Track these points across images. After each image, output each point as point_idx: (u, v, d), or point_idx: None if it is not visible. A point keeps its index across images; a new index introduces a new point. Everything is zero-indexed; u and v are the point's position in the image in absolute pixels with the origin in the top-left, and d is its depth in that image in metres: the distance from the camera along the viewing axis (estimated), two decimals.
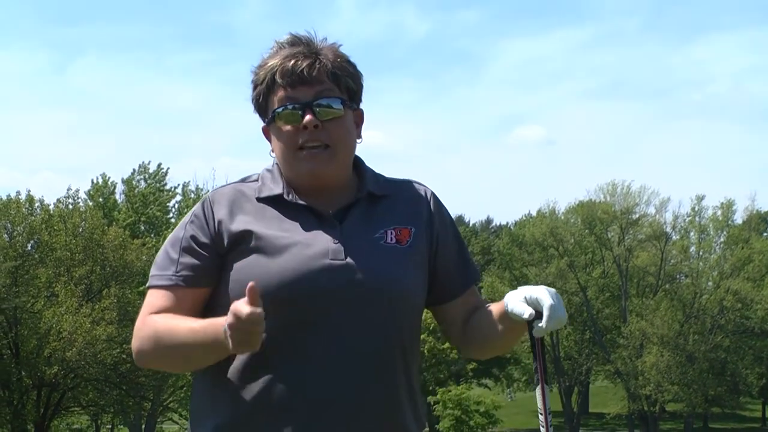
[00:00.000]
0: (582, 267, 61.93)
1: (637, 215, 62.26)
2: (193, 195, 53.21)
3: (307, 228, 2.51)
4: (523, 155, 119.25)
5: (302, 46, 2.57)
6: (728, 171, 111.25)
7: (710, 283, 60.47)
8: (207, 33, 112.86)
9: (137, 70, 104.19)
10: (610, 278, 62.77)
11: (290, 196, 2.56)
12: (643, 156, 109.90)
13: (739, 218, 64.10)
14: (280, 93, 2.54)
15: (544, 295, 2.38)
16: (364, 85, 2.66)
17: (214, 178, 61.07)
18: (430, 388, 46.10)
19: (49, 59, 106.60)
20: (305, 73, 2.51)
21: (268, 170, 2.66)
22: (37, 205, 41.79)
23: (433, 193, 2.71)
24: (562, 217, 63.89)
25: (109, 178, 54.11)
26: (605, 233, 62.54)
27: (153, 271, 2.58)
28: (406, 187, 2.70)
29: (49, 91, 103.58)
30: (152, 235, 49.17)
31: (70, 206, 44.05)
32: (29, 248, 38.74)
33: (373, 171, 2.71)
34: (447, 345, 44.74)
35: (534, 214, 68.04)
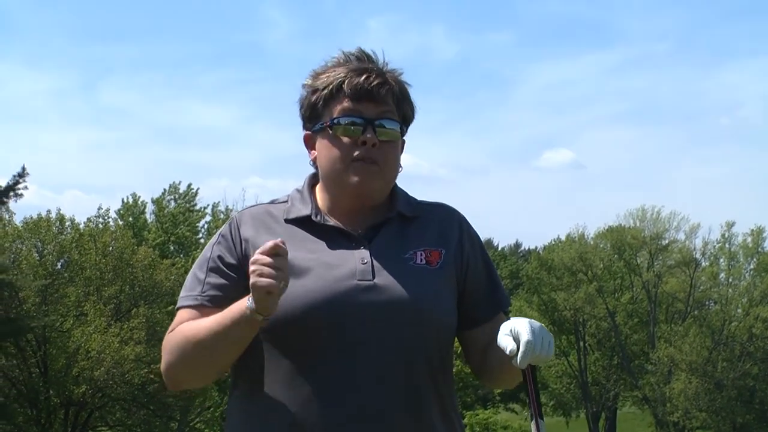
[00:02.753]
0: (611, 292, 61.80)
1: (667, 241, 62.19)
2: (222, 215, 53.33)
3: (334, 248, 2.49)
4: (552, 179, 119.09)
5: (371, 63, 2.55)
6: (759, 197, 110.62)
7: (739, 310, 60.28)
8: (237, 52, 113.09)
9: (167, 88, 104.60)
10: (639, 304, 62.64)
11: (318, 217, 2.54)
12: (673, 181, 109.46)
13: None
14: (344, 103, 2.50)
15: (522, 329, 2.29)
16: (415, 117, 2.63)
17: (244, 198, 61.15)
18: None
19: (79, 77, 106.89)
20: (374, 90, 2.49)
21: (298, 191, 2.65)
22: (67, 224, 42.05)
23: (464, 217, 2.68)
24: (591, 242, 63.85)
25: (139, 197, 54.38)
26: (634, 258, 62.46)
27: (182, 293, 2.58)
28: (437, 209, 2.67)
29: (78, 110, 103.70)
30: (181, 255, 49.31)
31: (101, 225, 44.35)
32: (59, 267, 38.95)
33: (406, 193, 2.69)
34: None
35: (563, 238, 67.96)
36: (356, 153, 2.48)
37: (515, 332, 2.30)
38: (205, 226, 54.71)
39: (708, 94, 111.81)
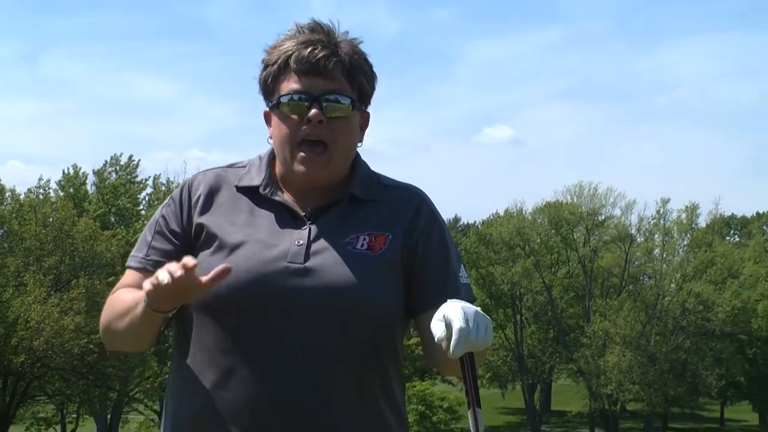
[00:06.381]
0: (547, 266, 62.35)
1: (603, 217, 62.71)
2: (164, 187, 53.03)
3: (274, 226, 2.44)
4: (491, 155, 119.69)
5: (322, 34, 2.45)
6: (693, 175, 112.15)
7: (673, 285, 60.96)
8: (181, 26, 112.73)
9: (109, 61, 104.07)
10: (575, 278, 63.23)
11: (267, 190, 2.48)
12: (610, 158, 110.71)
13: (702, 222, 64.69)
14: (291, 79, 2.43)
15: (455, 315, 2.16)
16: (376, 87, 2.54)
17: (185, 171, 60.85)
18: None
19: (21, 49, 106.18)
20: (320, 64, 2.40)
21: (260, 158, 2.58)
22: (7, 194, 41.60)
23: (426, 201, 2.57)
24: (529, 217, 64.28)
25: (80, 168, 53.85)
26: (571, 234, 62.94)
27: (132, 251, 2.56)
28: (399, 192, 2.57)
29: (20, 81, 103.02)
30: (122, 227, 49.00)
31: (41, 196, 43.88)
32: None
33: (370, 172, 2.59)
34: (412, 341, 44.89)
35: (501, 213, 68.35)
36: (302, 132, 2.40)
37: (447, 318, 2.18)
38: (146, 198, 54.42)
39: (645, 74, 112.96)
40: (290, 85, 2.42)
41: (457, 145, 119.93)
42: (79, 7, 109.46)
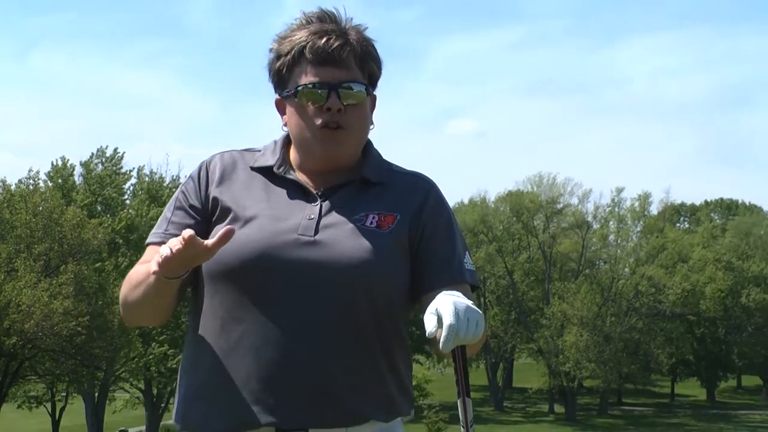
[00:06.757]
0: (509, 252, 62.54)
1: (561, 205, 62.99)
2: (147, 178, 52.95)
3: (286, 202, 2.42)
4: (456, 146, 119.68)
5: (332, 23, 2.41)
6: (646, 165, 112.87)
7: (627, 269, 61.30)
8: (160, 24, 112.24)
9: (94, 58, 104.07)
10: (535, 263, 63.45)
11: (281, 169, 2.46)
12: (568, 149, 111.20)
13: (654, 209, 65.09)
14: (307, 69, 2.37)
15: (445, 310, 2.11)
16: (383, 70, 2.52)
17: (168, 162, 60.94)
18: None
19: (11, 46, 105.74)
20: (336, 54, 2.36)
21: (274, 142, 2.54)
22: None
23: (434, 188, 2.54)
24: (492, 206, 64.41)
25: (68, 160, 53.53)
26: (531, 221, 63.15)
27: (152, 229, 2.53)
28: (407, 177, 2.54)
29: (10, 77, 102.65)
30: (108, 215, 48.84)
31: (31, 187, 43.70)
32: None
33: (380, 158, 2.56)
34: None
35: (466, 202, 68.46)
36: (321, 119, 2.36)
37: (439, 313, 2.12)
38: (131, 188, 54.25)
39: (600, 70, 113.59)
40: (307, 75, 2.38)
41: (424, 137, 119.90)
42: (65, 6, 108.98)
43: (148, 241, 2.51)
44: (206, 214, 2.45)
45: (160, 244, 2.36)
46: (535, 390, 62.00)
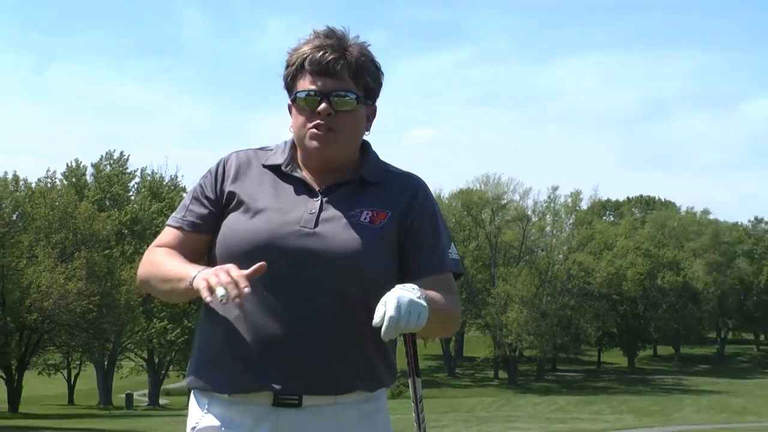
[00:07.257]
0: (461, 241, 62.58)
1: (505, 201, 63.12)
2: (149, 177, 53.07)
3: (292, 197, 2.38)
4: (416, 151, 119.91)
5: (334, 39, 2.38)
6: (577, 166, 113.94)
7: (560, 256, 61.68)
8: (160, 44, 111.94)
9: (104, 72, 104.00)
10: (483, 251, 63.55)
11: (288, 168, 2.43)
12: (511, 153, 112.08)
13: (584, 205, 65.43)
14: (306, 79, 2.36)
15: (389, 304, 2.08)
16: (383, 83, 2.50)
17: (167, 164, 61.09)
18: None
19: (31, 62, 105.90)
20: (330, 66, 2.34)
21: (285, 143, 2.50)
22: (21, 183, 41.69)
23: (423, 188, 2.49)
24: (446, 202, 64.33)
25: (80, 162, 53.62)
26: (480, 215, 63.35)
27: (173, 213, 2.50)
28: (400, 178, 2.49)
29: (31, 89, 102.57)
30: (115, 209, 48.97)
31: (49, 185, 43.80)
32: (14, 218, 38.60)
33: (378, 160, 2.51)
34: None
35: None
36: (312, 122, 2.34)
37: (384, 305, 2.10)
38: (135, 186, 54.32)
39: (540, 84, 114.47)
40: (305, 83, 2.37)
41: (387, 143, 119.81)
42: (80, 26, 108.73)
43: (168, 222, 2.51)
44: (220, 205, 2.42)
45: (176, 228, 2.44)
46: (482, 359, 62.21)
